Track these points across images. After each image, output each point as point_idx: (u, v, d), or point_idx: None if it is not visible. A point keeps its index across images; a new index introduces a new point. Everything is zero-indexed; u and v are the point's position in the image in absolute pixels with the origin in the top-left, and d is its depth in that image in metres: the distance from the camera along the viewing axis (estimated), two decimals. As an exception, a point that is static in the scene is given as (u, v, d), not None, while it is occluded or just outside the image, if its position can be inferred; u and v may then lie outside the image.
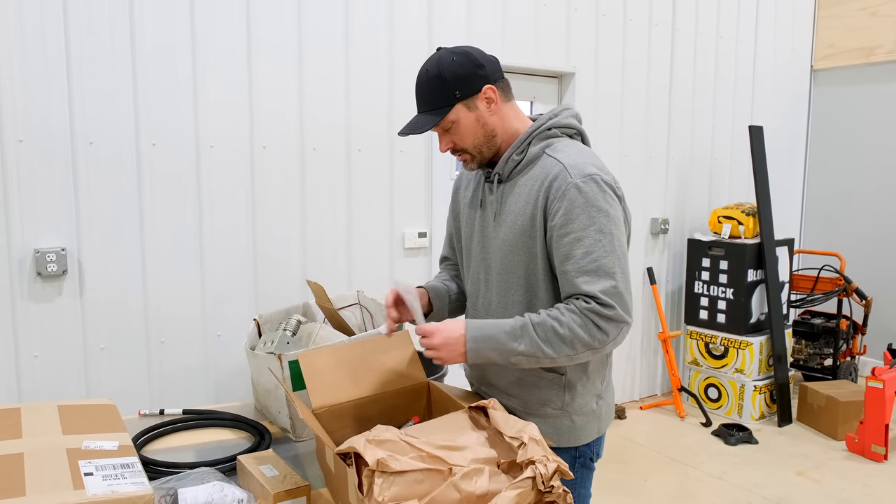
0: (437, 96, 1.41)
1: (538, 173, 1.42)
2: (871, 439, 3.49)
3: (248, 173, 2.83)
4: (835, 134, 4.93)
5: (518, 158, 1.45)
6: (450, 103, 1.41)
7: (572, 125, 1.49)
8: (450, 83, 1.40)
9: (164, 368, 2.71)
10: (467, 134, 1.44)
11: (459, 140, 1.45)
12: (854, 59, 4.76)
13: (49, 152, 2.44)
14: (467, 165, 1.49)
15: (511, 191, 1.46)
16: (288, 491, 1.30)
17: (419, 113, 1.45)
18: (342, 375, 1.52)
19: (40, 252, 2.43)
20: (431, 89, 1.41)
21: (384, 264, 3.21)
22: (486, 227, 1.52)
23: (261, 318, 2.01)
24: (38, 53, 2.39)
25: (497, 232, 1.48)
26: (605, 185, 1.37)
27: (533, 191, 1.42)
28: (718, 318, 4.10)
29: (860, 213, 4.82)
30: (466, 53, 1.42)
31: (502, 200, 1.47)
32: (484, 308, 1.55)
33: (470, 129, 1.44)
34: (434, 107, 1.42)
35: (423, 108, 1.44)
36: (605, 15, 3.84)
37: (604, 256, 1.34)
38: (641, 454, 3.54)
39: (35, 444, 1.25)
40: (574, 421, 1.50)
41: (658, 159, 4.19)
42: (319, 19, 2.92)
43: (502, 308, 1.50)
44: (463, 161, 1.49)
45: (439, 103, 1.41)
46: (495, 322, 1.39)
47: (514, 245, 1.44)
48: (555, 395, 1.48)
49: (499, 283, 1.49)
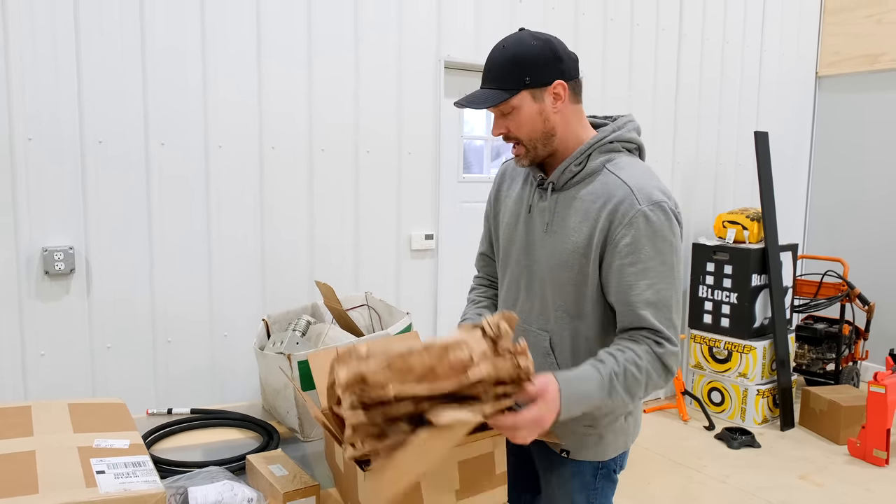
0: (507, 76, 1.33)
1: (600, 190, 1.36)
2: (872, 444, 3.49)
3: (257, 174, 2.84)
4: (839, 140, 4.93)
5: (576, 170, 1.39)
6: (517, 87, 1.33)
7: (634, 140, 1.43)
8: (523, 66, 1.32)
9: (170, 368, 2.72)
10: (525, 124, 1.36)
11: (515, 128, 1.36)
12: (859, 67, 4.76)
13: (58, 151, 2.45)
14: (519, 159, 1.41)
15: (568, 203, 1.39)
16: (298, 490, 1.30)
17: (483, 87, 1.37)
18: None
19: (48, 251, 2.44)
20: (503, 67, 1.33)
21: (391, 266, 3.21)
22: (532, 233, 1.46)
23: (269, 318, 2.02)
24: (49, 52, 2.40)
25: (547, 242, 1.42)
26: (671, 214, 1.33)
27: (594, 209, 1.35)
28: (722, 323, 4.10)
29: (864, 219, 4.82)
30: (549, 41, 1.34)
31: (556, 211, 1.41)
32: (521, 314, 1.50)
33: (529, 120, 1.36)
34: (501, 86, 1.34)
35: (489, 85, 1.35)
36: (612, 19, 3.85)
37: (666, 289, 1.32)
38: (645, 457, 3.55)
39: (46, 442, 1.26)
40: (602, 436, 1.47)
41: (664, 164, 4.20)
42: (329, 21, 2.94)
43: (543, 318, 1.45)
44: (516, 154, 1.41)
45: (507, 84, 1.33)
46: (583, 376, 1.28)
47: (566, 261, 1.39)
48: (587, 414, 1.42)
49: (542, 293, 1.44)
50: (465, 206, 3.51)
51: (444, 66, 3.30)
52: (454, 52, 3.29)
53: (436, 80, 3.25)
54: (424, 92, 3.23)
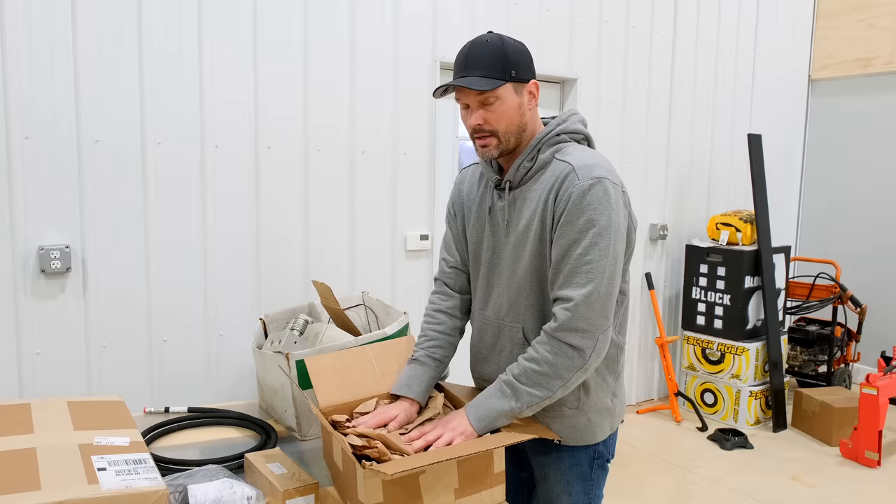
0: (495, 67, 1.37)
1: (548, 177, 1.42)
2: (864, 445, 3.52)
3: (253, 173, 2.84)
4: (832, 143, 4.97)
5: (529, 165, 1.45)
6: (503, 78, 1.38)
7: (580, 130, 1.49)
8: (509, 60, 1.38)
9: (165, 367, 2.72)
10: (505, 116, 1.40)
11: (496, 119, 1.40)
12: (851, 70, 4.81)
13: (55, 150, 2.44)
14: (487, 150, 1.43)
15: (523, 199, 1.45)
16: (297, 488, 1.31)
17: (467, 76, 1.38)
18: (348, 377, 1.54)
19: (44, 249, 2.43)
20: (491, 57, 1.37)
21: (386, 266, 3.22)
22: (495, 233, 1.52)
23: (267, 317, 2.03)
24: (46, 51, 2.40)
25: (509, 240, 1.48)
26: (612, 188, 1.36)
27: (543, 193, 1.41)
28: (715, 324, 4.13)
29: (856, 221, 4.86)
30: (524, 45, 1.43)
31: (514, 207, 1.47)
32: (494, 313, 1.55)
33: (509, 113, 1.40)
34: (490, 75, 1.37)
35: (476, 73, 1.37)
36: (607, 21, 3.87)
37: (596, 260, 1.34)
38: (638, 458, 3.56)
39: (47, 439, 1.26)
40: (590, 419, 1.51)
41: (657, 166, 4.22)
42: (325, 22, 2.94)
43: (515, 311, 1.50)
44: (485, 145, 1.43)
45: (496, 74, 1.37)
46: (485, 394, 1.40)
47: (525, 250, 1.44)
48: (570, 394, 1.48)
49: (509, 288, 1.50)
50: (460, 207, 3.52)
51: (440, 67, 3.31)
52: (450, 54, 3.31)
53: (431, 80, 3.26)
54: (420, 93, 3.24)
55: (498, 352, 1.56)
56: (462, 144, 3.54)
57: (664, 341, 4.10)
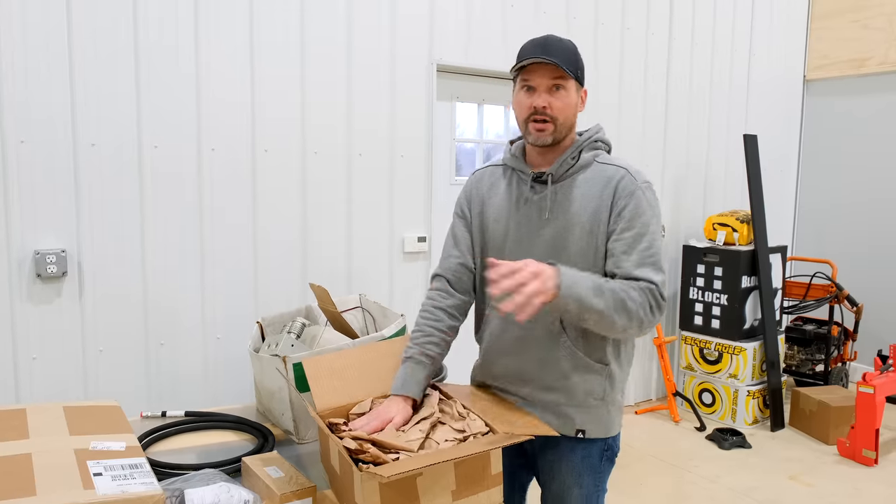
0: (569, 61, 1.49)
1: (597, 176, 1.54)
2: (861, 444, 3.53)
3: (250, 176, 2.84)
4: (827, 143, 4.99)
5: (572, 162, 1.55)
6: (574, 74, 1.51)
7: (607, 141, 1.64)
8: (578, 61, 1.53)
9: (162, 371, 2.71)
10: (567, 107, 1.52)
11: (560, 108, 1.50)
12: (846, 70, 4.82)
13: (50, 154, 2.44)
14: (543, 135, 1.52)
15: (567, 191, 1.54)
16: (294, 492, 1.31)
17: (548, 58, 1.47)
18: (346, 379, 1.54)
19: (40, 253, 2.43)
20: (567, 51, 1.50)
21: (384, 268, 3.22)
22: (528, 223, 1.57)
23: (264, 320, 2.03)
24: (41, 55, 2.40)
25: (547, 229, 1.54)
26: (654, 193, 1.55)
27: (595, 190, 1.52)
28: (713, 324, 4.13)
29: (852, 220, 4.87)
30: None
31: (555, 199, 1.55)
32: None
33: (570, 106, 1.52)
34: (565, 64, 1.48)
35: (556, 59, 1.47)
36: (603, 24, 3.88)
37: (659, 253, 1.50)
38: (637, 458, 3.57)
39: (43, 444, 1.26)
40: (610, 411, 1.58)
41: (654, 166, 4.23)
42: (321, 25, 2.94)
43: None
44: (540, 129, 1.51)
45: (569, 66, 1.49)
46: (579, 272, 1.43)
47: (569, 240, 1.52)
48: (598, 384, 1.55)
49: None
50: (457, 209, 3.52)
51: (437, 69, 3.31)
52: (446, 56, 3.31)
53: (428, 83, 3.26)
54: (417, 95, 3.24)
55: (523, 345, 1.57)
56: (459, 146, 3.54)
57: (662, 341, 4.10)
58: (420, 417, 1.44)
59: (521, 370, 1.58)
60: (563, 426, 1.57)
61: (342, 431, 1.40)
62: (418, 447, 1.33)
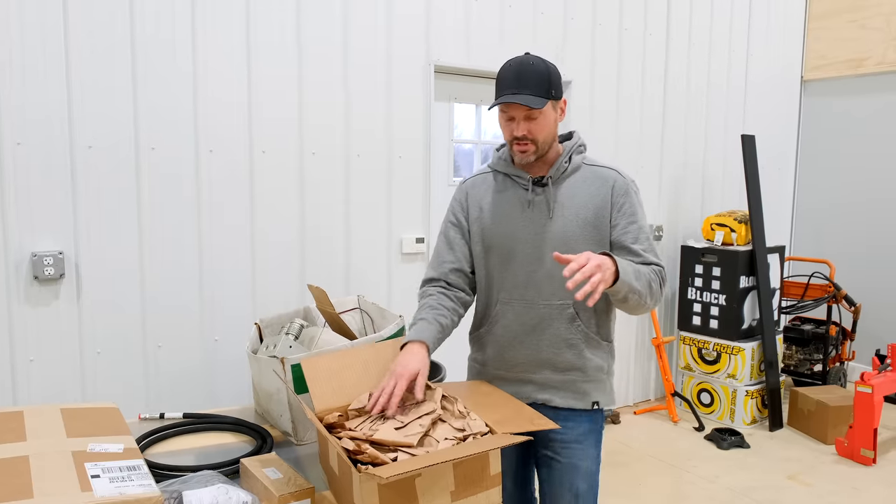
0: (540, 86, 1.62)
1: (591, 177, 1.73)
2: (860, 443, 3.53)
3: (248, 178, 2.84)
4: (824, 143, 4.99)
5: (566, 166, 1.73)
6: (547, 97, 1.63)
7: (584, 143, 1.81)
8: (550, 81, 1.64)
9: (160, 373, 2.71)
10: (545, 128, 1.66)
11: (538, 131, 1.65)
12: (843, 71, 4.83)
13: (47, 155, 2.44)
14: (526, 155, 1.68)
15: (565, 191, 1.71)
16: (293, 493, 1.31)
17: (519, 93, 1.61)
18: (345, 380, 1.53)
19: (37, 256, 2.43)
20: (538, 78, 1.62)
21: (382, 269, 3.22)
22: (535, 223, 1.71)
23: (262, 322, 2.02)
24: (38, 58, 2.39)
25: (553, 226, 1.70)
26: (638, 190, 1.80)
27: (593, 188, 1.71)
28: (711, 324, 4.14)
29: (849, 220, 4.88)
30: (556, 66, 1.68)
31: (556, 199, 1.71)
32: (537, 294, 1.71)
33: (548, 126, 1.67)
34: (537, 93, 1.61)
35: (526, 91, 1.61)
36: (600, 24, 3.88)
37: (650, 235, 1.75)
38: (635, 458, 3.57)
39: (40, 446, 1.25)
40: (611, 383, 1.81)
41: (651, 167, 4.23)
42: (318, 23, 2.94)
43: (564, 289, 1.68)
44: (523, 151, 1.67)
45: (541, 93, 1.62)
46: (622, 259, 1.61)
47: (579, 234, 1.69)
48: (604, 360, 1.77)
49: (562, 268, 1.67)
50: (455, 210, 3.52)
51: (434, 69, 3.31)
52: (444, 57, 3.31)
53: (426, 83, 3.26)
54: (414, 96, 3.24)
55: (539, 332, 1.72)
56: (458, 147, 3.54)
57: (660, 342, 4.10)
58: (422, 412, 1.44)
59: (540, 355, 1.73)
60: (581, 401, 1.74)
61: (341, 432, 1.40)
62: (417, 441, 1.33)
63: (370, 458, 1.26)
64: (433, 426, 1.41)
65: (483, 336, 1.80)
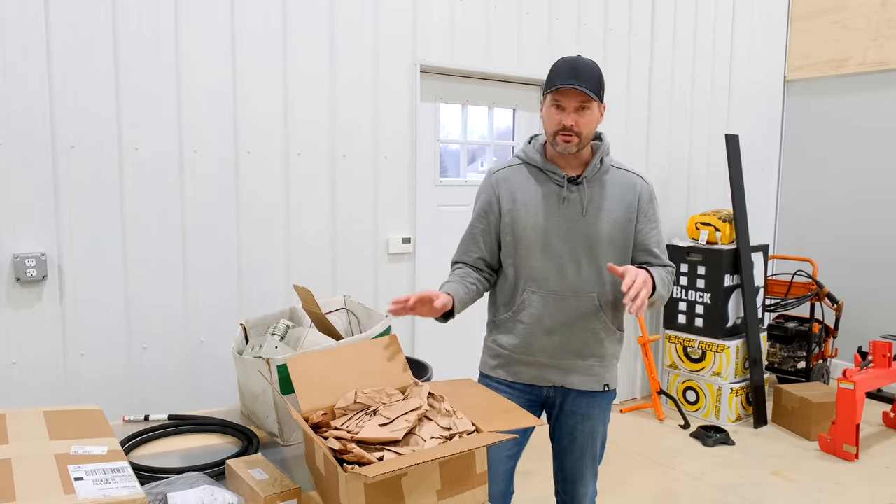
0: (594, 84, 1.76)
1: (620, 181, 1.89)
2: (842, 439, 3.57)
3: (233, 178, 2.82)
4: (807, 143, 5.05)
5: (599, 167, 1.87)
6: (597, 94, 1.77)
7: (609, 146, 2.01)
8: (601, 83, 1.79)
9: (146, 375, 2.69)
10: (590, 123, 1.79)
11: (584, 124, 1.78)
12: (826, 71, 4.88)
13: (29, 156, 2.41)
14: (569, 145, 1.80)
15: (599, 191, 1.86)
16: (279, 494, 1.30)
17: (576, 84, 1.73)
18: (331, 380, 1.53)
19: (19, 257, 2.40)
20: (592, 74, 1.76)
21: (369, 270, 3.22)
22: (569, 219, 1.84)
23: (247, 323, 2.01)
24: (19, 57, 2.37)
25: (586, 222, 1.84)
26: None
27: (623, 191, 1.88)
28: (696, 323, 4.17)
29: (832, 219, 4.93)
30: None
31: (591, 197, 1.85)
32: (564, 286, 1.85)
33: (593, 122, 1.80)
34: (590, 89, 1.74)
35: (583, 85, 1.74)
36: (585, 24, 3.90)
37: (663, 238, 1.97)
38: (622, 456, 3.59)
39: (22, 449, 1.24)
40: (617, 367, 2.02)
41: (637, 167, 4.26)
42: (304, 31, 2.93)
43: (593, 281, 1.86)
44: (567, 141, 1.79)
45: (593, 90, 1.75)
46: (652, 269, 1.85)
47: (609, 232, 1.85)
48: (617, 347, 1.96)
49: (592, 262, 1.85)
50: (442, 210, 3.53)
51: (420, 69, 3.31)
52: (430, 56, 3.31)
53: (412, 83, 3.26)
54: (401, 96, 3.24)
55: (568, 322, 1.87)
56: (444, 147, 3.54)
57: (646, 340, 4.13)
58: (409, 408, 1.44)
59: (567, 343, 1.88)
60: (595, 383, 1.92)
61: (326, 431, 1.39)
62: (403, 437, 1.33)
63: (356, 457, 1.26)
64: (419, 424, 1.41)
65: (507, 321, 1.93)
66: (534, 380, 1.93)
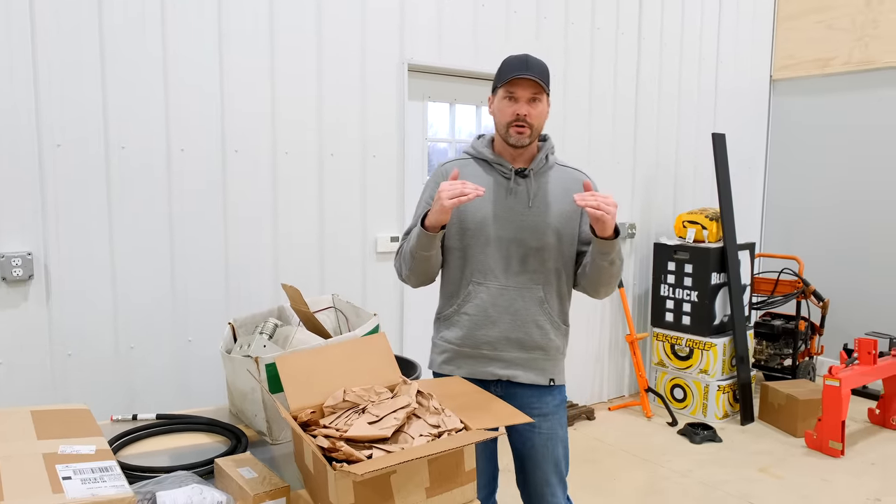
0: (545, 77, 1.82)
1: (564, 177, 1.93)
2: (828, 435, 3.61)
3: (220, 177, 2.82)
4: (793, 141, 5.09)
5: (544, 162, 1.93)
6: (547, 89, 1.83)
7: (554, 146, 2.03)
8: (548, 77, 1.85)
9: (134, 374, 2.68)
10: (541, 115, 1.85)
11: (536, 116, 1.83)
12: (811, 70, 4.93)
13: (15, 154, 2.40)
14: (522, 137, 1.84)
15: (543, 185, 1.90)
16: (268, 492, 1.31)
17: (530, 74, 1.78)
18: (320, 378, 1.53)
19: (5, 257, 2.38)
20: (544, 70, 1.83)
21: (357, 269, 3.22)
22: (514, 210, 1.87)
23: (236, 322, 2.01)
24: (4, 54, 2.35)
25: (532, 214, 1.87)
26: None
27: (568, 185, 1.91)
28: (684, 320, 4.20)
29: (818, 217, 4.98)
30: None
31: (537, 190, 1.89)
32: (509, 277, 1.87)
33: (543, 115, 1.86)
34: (544, 81, 1.81)
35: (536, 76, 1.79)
36: (573, 23, 3.91)
37: None
38: (610, 454, 3.61)
39: (10, 449, 1.24)
40: (563, 363, 1.99)
41: (625, 166, 4.28)
42: (291, 29, 2.93)
43: (536, 273, 1.87)
44: (520, 132, 1.83)
45: (545, 82, 1.81)
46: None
47: (555, 225, 1.87)
48: (562, 341, 1.95)
49: (536, 254, 1.87)
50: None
51: (408, 68, 3.32)
52: (417, 55, 3.31)
53: (399, 83, 3.27)
54: (388, 95, 3.24)
55: (513, 313, 1.87)
56: (432, 146, 3.55)
57: (634, 338, 4.15)
58: (397, 406, 1.44)
59: (510, 335, 1.88)
60: (540, 377, 1.91)
61: (315, 429, 1.40)
62: (392, 434, 1.34)
63: (345, 455, 1.26)
64: (408, 421, 1.42)
65: (452, 316, 1.93)
66: (479, 374, 1.91)
